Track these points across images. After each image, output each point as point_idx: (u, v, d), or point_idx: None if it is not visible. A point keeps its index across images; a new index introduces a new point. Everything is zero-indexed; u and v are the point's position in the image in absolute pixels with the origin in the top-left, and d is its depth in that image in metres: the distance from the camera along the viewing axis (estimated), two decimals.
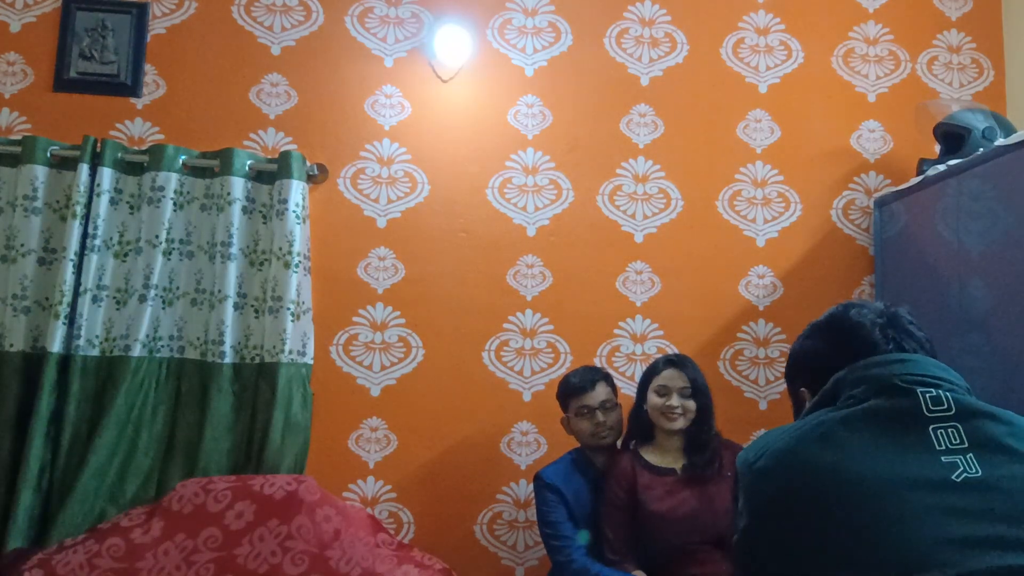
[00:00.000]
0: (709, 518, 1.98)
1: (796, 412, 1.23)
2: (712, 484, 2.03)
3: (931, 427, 0.97)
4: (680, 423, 2.07)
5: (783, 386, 2.61)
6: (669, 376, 2.10)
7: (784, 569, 0.98)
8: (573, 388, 2.20)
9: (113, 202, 2.42)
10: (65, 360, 2.30)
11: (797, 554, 0.97)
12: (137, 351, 2.34)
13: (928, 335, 1.14)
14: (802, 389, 1.20)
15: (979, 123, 2.35)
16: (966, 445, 0.95)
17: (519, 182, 2.65)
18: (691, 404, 2.08)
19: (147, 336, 2.36)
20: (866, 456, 0.96)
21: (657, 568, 2.02)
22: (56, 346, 2.27)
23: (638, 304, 2.63)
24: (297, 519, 2.14)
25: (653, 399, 2.10)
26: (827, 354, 1.15)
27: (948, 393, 1.00)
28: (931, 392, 1.00)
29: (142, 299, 2.36)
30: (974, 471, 0.93)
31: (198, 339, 2.42)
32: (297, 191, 2.45)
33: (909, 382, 1.02)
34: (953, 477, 0.93)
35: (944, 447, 0.95)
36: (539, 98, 2.70)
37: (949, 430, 0.96)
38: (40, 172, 2.38)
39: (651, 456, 2.11)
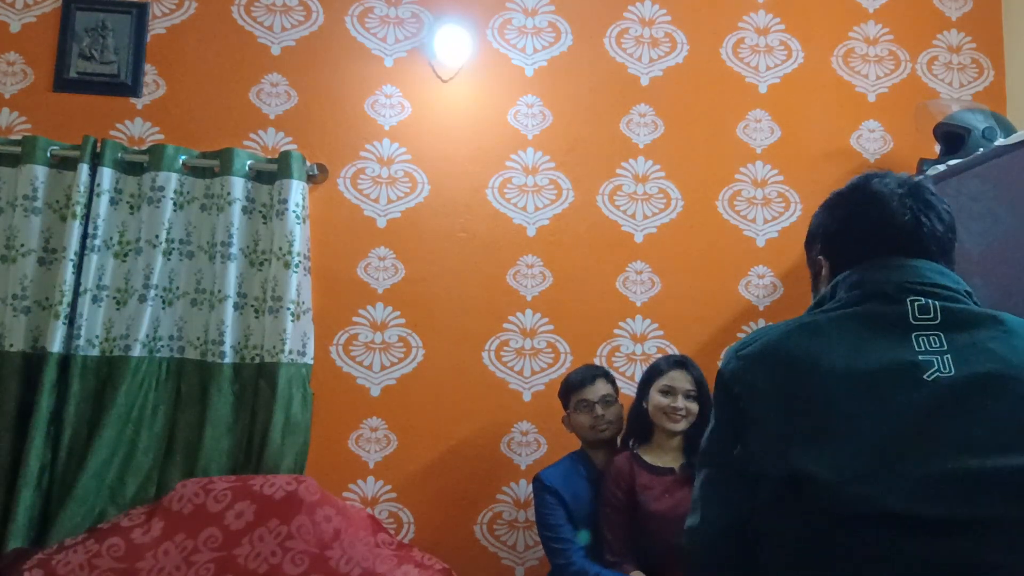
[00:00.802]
0: None
1: (813, 280, 1.25)
2: None
3: (914, 333, 1.00)
4: (683, 424, 2.07)
5: None
6: (675, 377, 2.10)
7: (754, 451, 1.02)
8: (574, 383, 2.23)
9: (113, 202, 2.42)
10: (65, 360, 2.30)
11: (768, 440, 1.01)
12: (137, 351, 2.34)
13: (949, 206, 1.14)
14: (819, 257, 1.21)
15: (979, 123, 2.35)
16: (945, 348, 0.98)
17: (519, 182, 2.65)
18: (694, 407, 2.09)
19: (147, 336, 2.36)
20: (847, 351, 1.00)
21: (657, 568, 2.02)
22: (56, 346, 2.27)
23: (638, 304, 2.63)
24: (297, 519, 2.14)
25: (657, 398, 2.10)
26: (846, 222, 1.17)
27: (940, 302, 1.02)
28: (920, 301, 1.02)
29: (142, 299, 2.36)
30: (947, 371, 0.96)
31: (198, 339, 2.42)
32: (297, 191, 2.45)
33: (901, 290, 1.04)
34: (925, 376, 0.96)
35: (923, 349, 0.98)
36: (539, 98, 2.70)
37: (931, 337, 0.99)
38: (40, 172, 2.38)
39: (649, 456, 2.11)
